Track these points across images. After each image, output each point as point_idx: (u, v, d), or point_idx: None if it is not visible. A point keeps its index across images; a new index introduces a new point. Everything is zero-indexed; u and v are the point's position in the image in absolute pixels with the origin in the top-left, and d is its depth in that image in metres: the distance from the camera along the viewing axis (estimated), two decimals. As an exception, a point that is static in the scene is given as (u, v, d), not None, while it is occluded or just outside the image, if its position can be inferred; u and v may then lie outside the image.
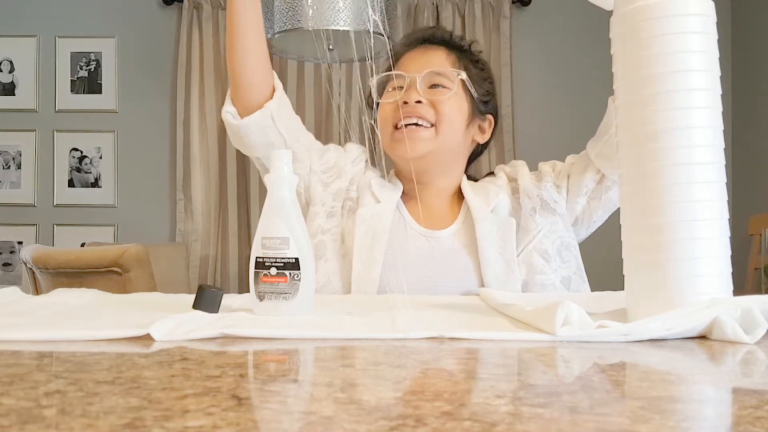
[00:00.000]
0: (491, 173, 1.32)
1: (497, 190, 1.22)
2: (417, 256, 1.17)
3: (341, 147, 1.30)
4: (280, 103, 1.17)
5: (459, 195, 1.26)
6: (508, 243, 1.15)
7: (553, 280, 1.14)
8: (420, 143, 1.17)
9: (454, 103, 1.20)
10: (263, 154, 1.20)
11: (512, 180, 1.26)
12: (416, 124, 1.17)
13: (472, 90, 1.22)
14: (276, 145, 1.17)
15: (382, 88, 1.26)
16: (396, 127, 1.19)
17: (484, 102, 1.25)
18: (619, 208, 1.17)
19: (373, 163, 1.28)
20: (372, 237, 1.15)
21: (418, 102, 1.17)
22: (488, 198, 1.21)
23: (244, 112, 1.15)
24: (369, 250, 1.14)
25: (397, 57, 1.27)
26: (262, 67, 1.15)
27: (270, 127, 1.16)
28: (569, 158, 1.25)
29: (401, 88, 1.21)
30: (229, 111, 1.16)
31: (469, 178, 1.31)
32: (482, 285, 1.13)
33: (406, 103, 1.17)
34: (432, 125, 1.18)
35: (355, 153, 1.28)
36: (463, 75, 1.21)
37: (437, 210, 1.24)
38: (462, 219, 1.21)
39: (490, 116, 1.27)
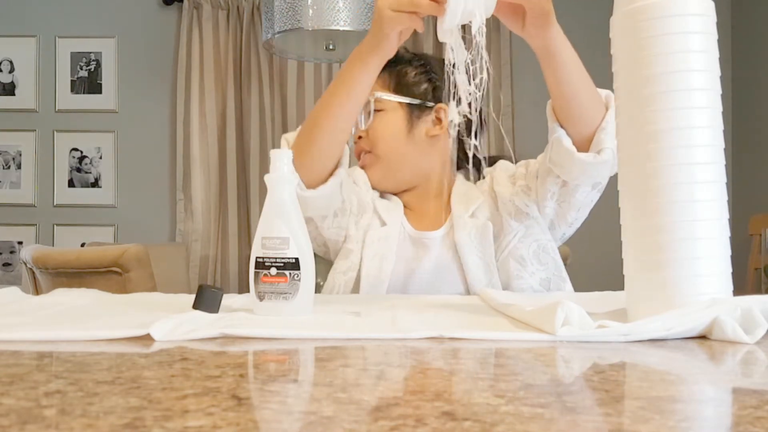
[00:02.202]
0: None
1: (478, 195, 1.23)
2: (411, 259, 1.19)
3: (350, 180, 1.29)
4: (347, 169, 1.14)
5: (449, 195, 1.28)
6: (486, 247, 1.16)
7: (531, 283, 1.14)
8: (370, 171, 1.26)
9: (382, 122, 1.23)
10: (317, 215, 1.14)
11: (493, 180, 1.27)
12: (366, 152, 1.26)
13: (405, 99, 1.23)
14: (335, 207, 1.14)
15: None
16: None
17: (427, 98, 1.25)
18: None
19: None
20: (380, 259, 1.16)
21: (359, 137, 1.25)
22: (468, 203, 1.22)
23: (310, 180, 1.07)
24: (377, 272, 1.15)
25: None
26: (345, 142, 1.11)
27: (336, 194, 1.12)
28: (541, 155, 1.23)
29: None
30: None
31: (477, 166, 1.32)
32: (467, 289, 1.15)
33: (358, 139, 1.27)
34: (369, 151, 1.25)
35: (362, 179, 1.27)
36: (382, 95, 1.23)
37: (430, 212, 1.26)
38: (450, 223, 1.22)
39: (440, 105, 1.26)
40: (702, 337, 0.62)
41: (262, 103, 3.38)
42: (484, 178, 1.31)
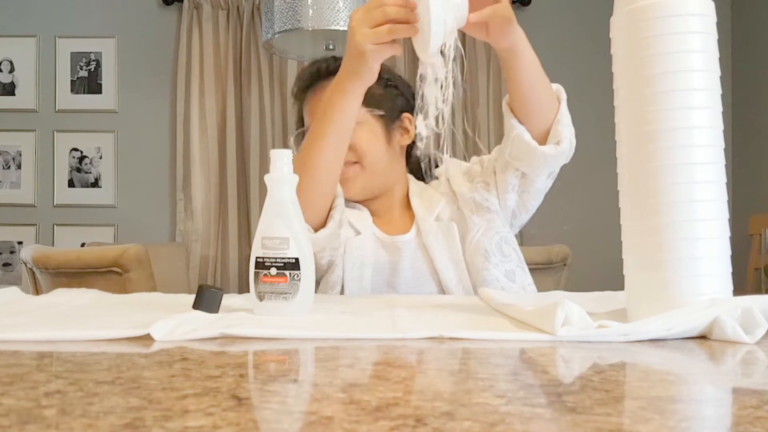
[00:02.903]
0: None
1: (439, 197, 1.26)
2: (388, 264, 1.21)
3: None
4: (343, 207, 1.14)
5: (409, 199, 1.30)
6: (453, 246, 1.19)
7: (496, 275, 1.17)
8: (352, 182, 1.23)
9: (365, 134, 1.23)
10: (318, 250, 1.12)
11: (449, 181, 1.29)
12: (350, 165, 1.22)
13: (379, 111, 1.24)
14: (336, 243, 1.14)
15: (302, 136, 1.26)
16: None
17: (395, 110, 1.27)
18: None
19: None
20: (360, 268, 1.18)
21: None
22: (431, 206, 1.25)
23: (310, 224, 1.06)
24: (359, 281, 1.17)
25: (300, 99, 1.31)
26: (338, 174, 1.10)
27: (336, 235, 1.12)
28: (495, 150, 1.26)
29: None
30: None
31: (414, 173, 1.34)
32: (441, 288, 1.18)
33: None
34: (355, 162, 1.23)
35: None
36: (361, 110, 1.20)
37: (395, 217, 1.28)
38: (416, 226, 1.25)
39: (405, 114, 1.28)
40: (702, 337, 0.62)
41: (262, 103, 3.38)
42: (436, 178, 1.32)
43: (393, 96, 1.28)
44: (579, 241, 1.29)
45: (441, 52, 0.86)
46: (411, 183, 1.32)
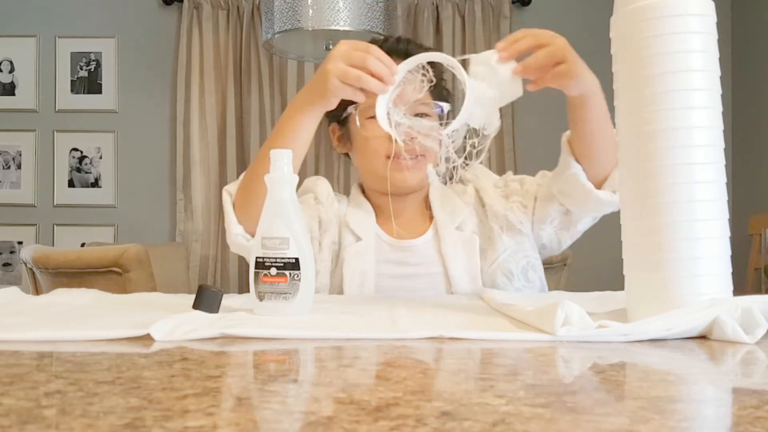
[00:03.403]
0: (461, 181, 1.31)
1: (463, 206, 1.23)
2: (395, 268, 1.18)
3: (311, 195, 1.26)
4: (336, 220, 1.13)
5: (428, 201, 1.26)
6: (472, 259, 1.16)
7: None
8: (417, 173, 1.19)
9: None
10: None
11: (479, 191, 1.26)
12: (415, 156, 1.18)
13: (447, 107, 1.22)
14: None
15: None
16: (388, 157, 1.18)
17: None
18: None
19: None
20: (361, 275, 1.15)
21: (412, 138, 1.18)
22: (454, 214, 1.21)
23: (253, 233, 1.03)
24: (359, 287, 1.14)
25: None
26: None
27: None
28: (539, 175, 1.23)
29: None
30: (238, 233, 1.06)
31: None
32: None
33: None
34: (422, 155, 1.18)
35: (324, 194, 1.24)
36: (445, 107, 1.20)
37: (409, 219, 1.24)
38: (434, 230, 1.21)
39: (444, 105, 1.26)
40: (702, 337, 0.62)
41: (262, 103, 3.38)
42: (459, 181, 1.29)
43: (442, 91, 1.26)
44: (579, 241, 1.29)
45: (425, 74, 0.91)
46: (432, 186, 1.27)
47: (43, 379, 0.45)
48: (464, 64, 0.91)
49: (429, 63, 0.98)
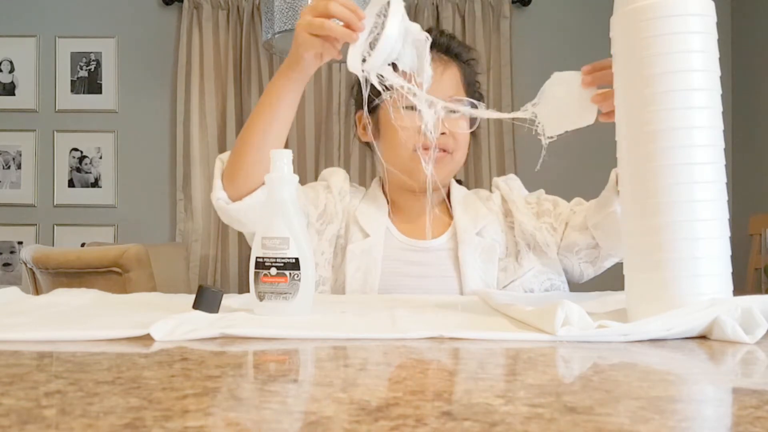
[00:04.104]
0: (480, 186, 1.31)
1: (486, 212, 1.20)
2: (405, 267, 1.16)
3: (324, 183, 1.25)
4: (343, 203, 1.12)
5: (447, 204, 1.24)
6: (489, 269, 1.14)
7: None
8: (445, 169, 1.18)
9: (466, 126, 1.19)
10: (227, 221, 1.13)
11: (507, 202, 1.24)
12: (441, 150, 1.16)
13: (481, 105, 1.21)
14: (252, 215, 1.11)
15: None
16: (414, 150, 1.16)
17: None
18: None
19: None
20: (364, 273, 1.13)
21: (442, 133, 1.15)
22: (476, 220, 1.19)
23: (238, 195, 1.06)
24: (362, 285, 1.12)
25: None
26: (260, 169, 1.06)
27: (255, 209, 1.08)
28: (574, 202, 1.21)
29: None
30: (220, 197, 1.07)
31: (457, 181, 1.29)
32: None
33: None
34: (447, 151, 1.17)
35: (338, 186, 1.23)
36: (480, 107, 1.19)
37: (430, 217, 1.21)
38: (452, 232, 1.19)
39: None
40: (702, 337, 0.62)
41: (262, 103, 3.38)
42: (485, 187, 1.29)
43: (478, 90, 1.25)
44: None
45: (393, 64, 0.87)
46: (452, 186, 1.27)
47: (43, 379, 0.45)
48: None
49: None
